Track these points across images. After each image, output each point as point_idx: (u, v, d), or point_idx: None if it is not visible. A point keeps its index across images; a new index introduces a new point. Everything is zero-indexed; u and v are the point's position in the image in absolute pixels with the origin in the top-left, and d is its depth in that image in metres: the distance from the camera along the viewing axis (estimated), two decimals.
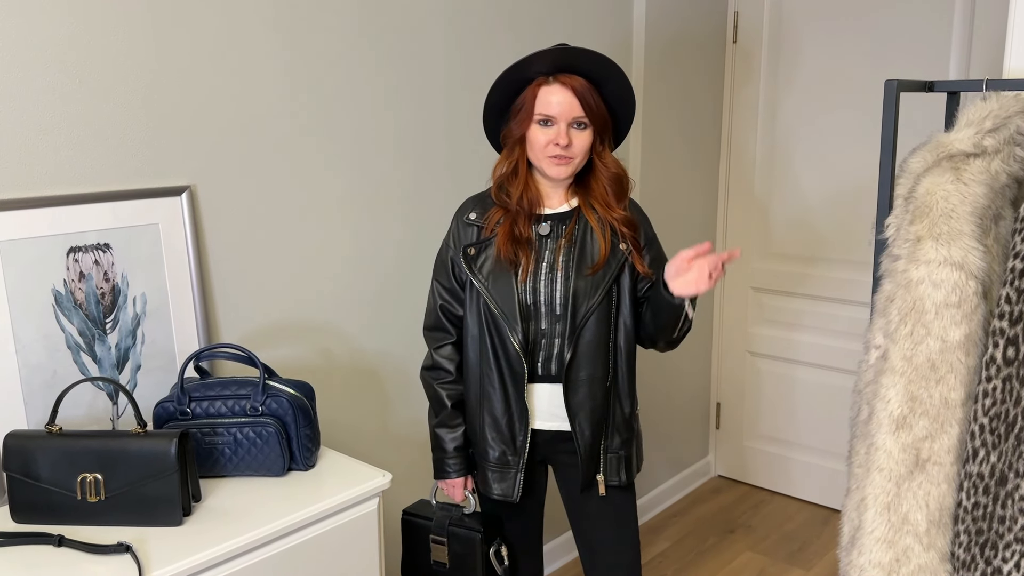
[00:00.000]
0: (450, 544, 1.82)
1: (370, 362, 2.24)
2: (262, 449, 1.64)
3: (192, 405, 1.65)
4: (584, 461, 1.75)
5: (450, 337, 1.80)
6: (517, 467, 1.76)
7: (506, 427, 1.75)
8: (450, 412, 1.80)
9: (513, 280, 1.69)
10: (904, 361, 1.37)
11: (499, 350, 1.72)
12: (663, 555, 3.05)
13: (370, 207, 2.16)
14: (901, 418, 1.36)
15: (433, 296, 1.81)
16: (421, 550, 1.87)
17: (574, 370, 1.71)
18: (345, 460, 1.75)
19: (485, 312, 1.72)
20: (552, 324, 1.71)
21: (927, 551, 1.35)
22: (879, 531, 1.37)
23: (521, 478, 1.76)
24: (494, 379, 1.73)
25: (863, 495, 1.40)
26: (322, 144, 2.04)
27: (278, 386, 1.68)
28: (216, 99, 1.82)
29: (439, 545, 1.84)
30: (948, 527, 1.36)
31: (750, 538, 3.15)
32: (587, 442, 1.74)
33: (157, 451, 1.47)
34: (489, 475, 1.78)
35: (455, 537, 1.82)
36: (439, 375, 1.81)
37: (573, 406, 1.72)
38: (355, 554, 1.63)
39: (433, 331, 1.82)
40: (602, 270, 1.70)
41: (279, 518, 1.51)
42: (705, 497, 3.48)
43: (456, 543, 1.82)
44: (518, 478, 1.76)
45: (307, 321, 2.07)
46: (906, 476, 1.36)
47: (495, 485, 1.78)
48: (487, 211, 1.75)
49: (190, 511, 1.52)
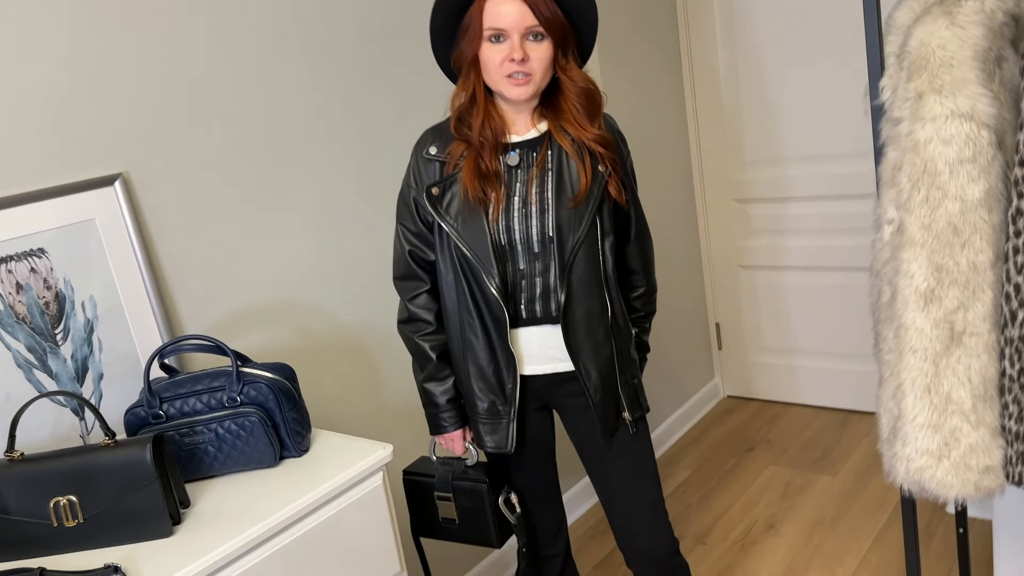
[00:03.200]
0: (456, 499, 1.71)
1: (354, 336, 2.10)
2: (248, 441, 1.52)
3: (164, 407, 1.52)
4: (599, 404, 1.63)
5: (424, 285, 1.67)
6: (509, 417, 1.64)
7: (493, 376, 1.62)
8: (436, 364, 1.68)
9: (484, 220, 1.55)
10: (923, 230, 1.25)
11: (477, 295, 1.59)
12: (685, 484, 2.97)
13: (326, 170, 2.01)
14: (929, 292, 1.25)
15: (400, 242, 1.67)
16: (428, 509, 1.77)
17: (571, 309, 1.59)
18: (341, 439, 1.63)
19: (458, 256, 1.58)
20: (531, 263, 1.58)
21: (976, 429, 1.25)
22: (922, 416, 1.27)
23: (514, 428, 1.64)
24: (475, 326, 1.60)
25: (898, 381, 1.29)
26: (264, 110, 1.88)
27: (254, 372, 1.55)
28: (141, 76, 1.66)
29: (445, 501, 1.73)
30: (995, 400, 1.26)
31: (770, 453, 3.07)
32: (596, 384, 1.62)
33: (131, 461, 1.33)
34: (480, 428, 1.67)
35: (461, 491, 1.71)
36: (418, 327, 1.68)
37: (574, 347, 1.60)
38: (367, 532, 1.51)
39: (404, 280, 1.69)
40: (585, 199, 1.57)
41: (277, 511, 1.39)
42: (718, 420, 3.40)
43: (463, 497, 1.71)
44: (510, 428, 1.64)
45: (279, 301, 1.93)
46: (943, 353, 1.25)
47: (487, 438, 1.67)
48: (448, 145, 1.60)
49: (180, 519, 1.39)
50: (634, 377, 1.71)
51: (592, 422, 1.67)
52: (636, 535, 1.73)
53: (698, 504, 2.83)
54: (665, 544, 1.73)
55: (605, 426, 1.65)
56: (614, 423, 1.68)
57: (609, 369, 1.64)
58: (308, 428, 1.60)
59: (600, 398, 1.63)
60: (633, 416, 1.69)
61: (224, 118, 1.81)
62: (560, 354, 1.64)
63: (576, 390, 1.67)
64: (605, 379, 1.63)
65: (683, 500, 2.87)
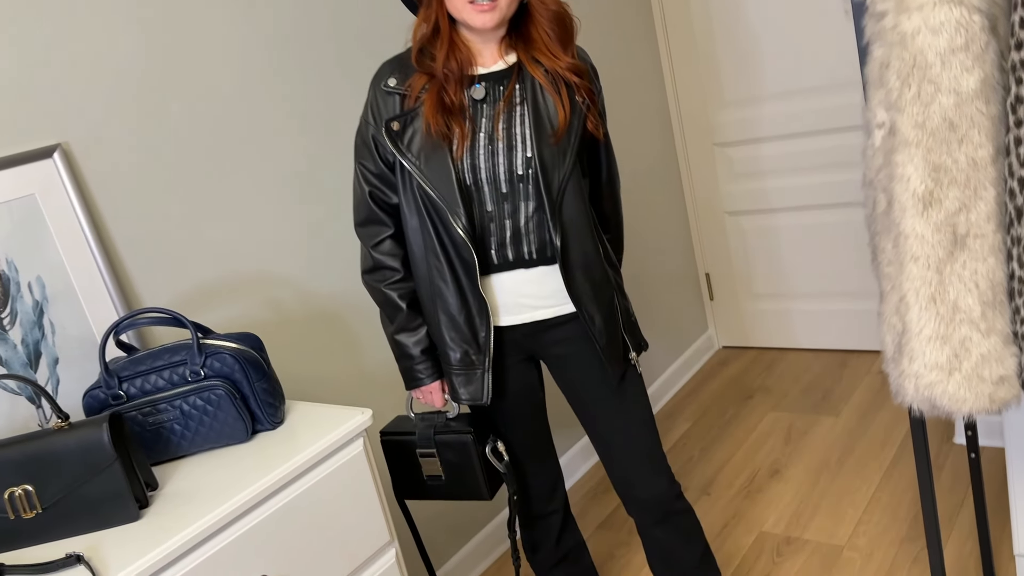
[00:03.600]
0: (441, 454, 1.63)
1: (326, 303, 2.01)
2: (216, 416, 1.42)
3: (124, 386, 1.42)
4: (605, 348, 1.55)
5: (387, 229, 1.57)
6: (483, 367, 1.55)
7: (465, 324, 1.53)
8: (407, 314, 1.58)
9: (448, 157, 1.45)
10: (917, 129, 1.16)
11: (444, 239, 1.49)
12: (685, 437, 2.90)
13: (286, 137, 1.91)
14: (927, 194, 1.17)
15: (359, 184, 1.56)
16: (411, 469, 1.68)
17: (567, 252, 1.50)
18: (317, 408, 1.54)
19: (422, 196, 1.49)
20: (498, 205, 1.49)
21: (987, 337, 1.17)
22: (928, 328, 1.18)
23: (488, 379, 1.55)
24: (444, 272, 1.51)
25: (901, 294, 1.21)
26: (220, 78, 1.77)
27: (217, 343, 1.45)
28: (83, 45, 1.55)
29: (429, 458, 1.64)
30: (1005, 305, 1.18)
31: (770, 399, 3.00)
32: (600, 328, 1.54)
33: (88, 443, 1.24)
34: (454, 379, 1.58)
35: (445, 445, 1.62)
36: (384, 275, 1.58)
37: (576, 292, 1.52)
38: (351, 503, 1.43)
39: (366, 226, 1.58)
40: (567, 133, 1.47)
41: (251, 484, 1.30)
42: (714, 371, 3.33)
43: (447, 451, 1.62)
44: (485, 380, 1.55)
45: (243, 273, 1.83)
46: (946, 259, 1.17)
47: (462, 390, 1.58)
48: (408, 77, 1.49)
49: (147, 502, 1.30)
50: (630, 315, 1.63)
51: (589, 368, 1.59)
52: (635, 484, 1.65)
53: (700, 456, 2.76)
54: (665, 491, 1.65)
55: (615, 368, 1.58)
56: (622, 365, 1.60)
57: (611, 311, 1.56)
58: (281, 399, 1.51)
59: (606, 341, 1.55)
60: (638, 354, 1.62)
61: (177, 86, 1.70)
62: (539, 302, 1.55)
63: (562, 337, 1.59)
64: (608, 321, 1.55)
65: (684, 453, 2.80)
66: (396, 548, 1.51)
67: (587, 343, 1.59)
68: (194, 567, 1.21)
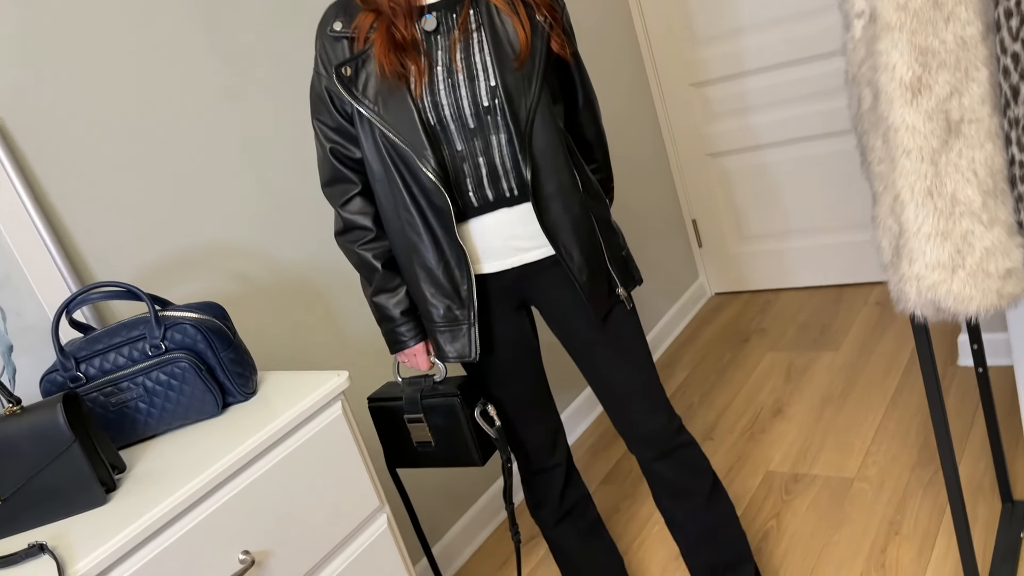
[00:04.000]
0: (429, 418, 1.55)
1: (298, 274, 1.92)
2: (182, 391, 1.34)
3: (82, 367, 1.34)
4: (586, 285, 1.47)
5: (354, 187, 1.48)
6: (469, 321, 1.47)
7: (444, 277, 1.45)
8: (384, 274, 1.50)
9: (408, 97, 1.36)
10: (899, 11, 1.08)
11: (413, 188, 1.40)
12: (684, 385, 2.83)
13: (244, 104, 1.81)
14: (915, 81, 1.08)
15: (320, 141, 1.47)
16: (400, 436, 1.60)
17: (540, 186, 1.41)
18: (292, 375, 1.46)
19: (384, 145, 1.40)
20: (468, 142, 1.40)
21: (990, 229, 1.09)
22: (927, 225, 1.11)
23: (475, 333, 1.47)
24: (417, 224, 1.42)
25: (895, 192, 1.13)
26: (170, 42, 1.67)
27: (176, 314, 1.37)
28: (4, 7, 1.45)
29: (417, 424, 1.56)
30: (1006, 193, 1.10)
31: (767, 340, 2.93)
32: (579, 264, 1.46)
33: (43, 427, 1.16)
34: (439, 337, 1.50)
35: (432, 410, 1.54)
36: (356, 236, 1.50)
37: (551, 227, 1.43)
38: (335, 469, 1.35)
39: (332, 185, 1.49)
40: (530, 57, 1.38)
41: (223, 456, 1.22)
42: (708, 318, 3.26)
43: (435, 415, 1.54)
44: (472, 334, 1.47)
45: (205, 246, 1.75)
46: (940, 149, 1.09)
47: (448, 347, 1.49)
48: (354, 18, 1.40)
49: (114, 485, 1.22)
50: (621, 248, 1.55)
51: (579, 309, 1.52)
52: (635, 422, 1.58)
53: (700, 402, 2.70)
54: (665, 426, 1.58)
55: (598, 308, 1.49)
56: (607, 302, 1.52)
57: (592, 245, 1.48)
58: (252, 369, 1.43)
59: (587, 278, 1.47)
60: (628, 289, 1.53)
61: (118, 54, 1.60)
62: (528, 243, 1.47)
63: (555, 278, 1.51)
64: (590, 257, 1.47)
65: (684, 400, 2.73)
66: (387, 513, 1.44)
67: (572, 283, 1.51)
68: (167, 547, 1.14)
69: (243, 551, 1.22)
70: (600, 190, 1.55)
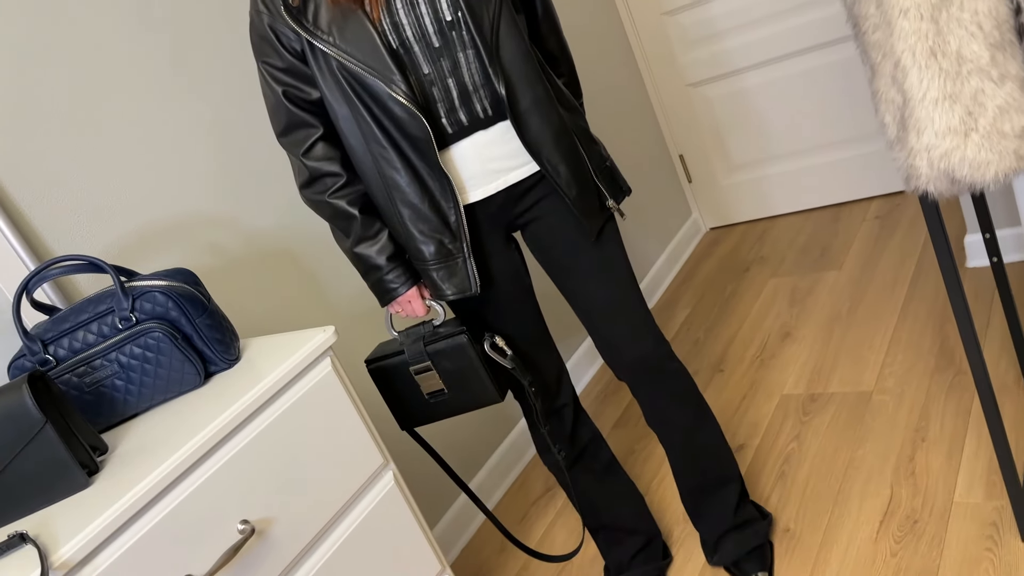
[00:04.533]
0: (437, 365, 1.46)
1: (275, 241, 1.84)
2: (160, 363, 1.26)
3: (51, 349, 1.26)
4: (576, 200, 1.40)
5: (315, 130, 1.38)
6: (463, 253, 1.39)
7: (431, 211, 1.37)
8: (362, 221, 1.41)
9: (366, 21, 1.27)
10: None
11: (382, 119, 1.31)
12: (688, 321, 2.76)
13: (205, 69, 1.71)
14: None
15: (269, 86, 1.36)
16: (409, 393, 1.51)
17: (516, 100, 1.33)
18: (275, 338, 1.37)
19: (345, 77, 1.30)
20: (435, 63, 1.31)
21: (1001, 85, 1.01)
22: (933, 89, 1.02)
23: (472, 265, 1.39)
24: (392, 159, 1.34)
25: (895, 59, 1.04)
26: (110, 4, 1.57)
27: (144, 283, 1.28)
28: None
29: (426, 374, 1.47)
30: (1015, 45, 1.02)
31: (768, 268, 2.86)
32: (567, 178, 1.39)
33: (9, 411, 1.08)
34: (435, 276, 1.41)
35: (439, 354, 1.45)
36: (325, 184, 1.40)
37: (533, 142, 1.35)
38: (331, 429, 1.28)
39: (290, 133, 1.39)
40: None
41: (208, 424, 1.14)
42: (706, 253, 3.18)
43: (444, 360, 1.46)
44: (469, 266, 1.39)
45: (170, 218, 1.66)
46: (940, 4, 1.01)
47: (445, 285, 1.41)
48: None
49: (96, 467, 1.15)
50: (604, 159, 1.48)
51: (564, 227, 1.45)
52: (620, 347, 1.52)
53: (706, 336, 2.63)
54: (652, 350, 1.52)
55: (591, 222, 1.43)
56: (600, 217, 1.45)
57: (576, 158, 1.40)
58: (231, 334, 1.34)
59: (576, 193, 1.40)
60: (617, 201, 1.47)
61: (74, 18, 1.50)
62: (508, 162, 1.39)
63: (539, 197, 1.44)
64: (576, 170, 1.40)
65: (689, 337, 2.66)
66: (393, 470, 1.37)
67: (559, 200, 1.43)
68: (157, 523, 1.06)
69: (241, 521, 1.15)
70: (574, 102, 1.47)
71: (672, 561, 1.84)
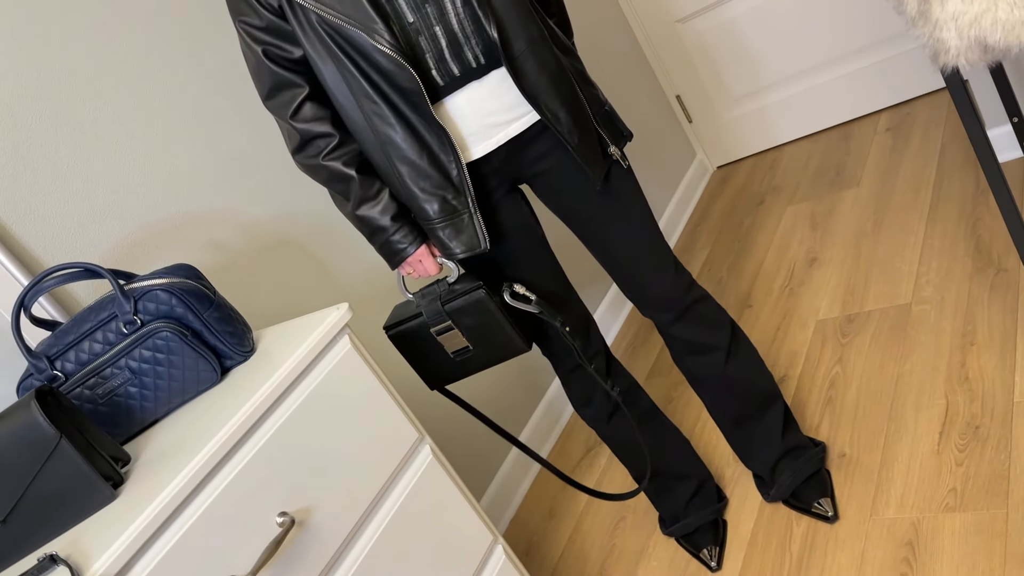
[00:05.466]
0: (458, 322, 1.39)
1: (276, 231, 1.78)
2: (172, 363, 1.20)
3: (58, 365, 1.20)
4: (579, 147, 1.34)
5: (302, 90, 1.31)
6: (468, 209, 1.32)
7: (431, 166, 1.29)
8: (361, 180, 1.34)
9: None
10: None
11: (370, 72, 1.24)
12: (709, 261, 2.68)
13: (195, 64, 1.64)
14: None
15: (249, 47, 1.29)
16: (434, 354, 1.45)
17: (509, 45, 1.26)
18: (289, 324, 1.31)
19: (327, 31, 1.22)
20: (419, 10, 1.23)
21: None
22: None
23: (479, 220, 1.32)
24: (385, 114, 1.26)
25: None
26: None
27: (143, 284, 1.22)
28: None
29: (448, 333, 1.41)
30: None
31: (783, 197, 2.78)
32: (568, 125, 1.32)
33: (22, 430, 1.03)
34: (441, 234, 1.34)
35: (459, 312, 1.38)
36: (318, 146, 1.32)
37: (531, 90, 1.28)
38: (359, 408, 1.22)
39: (275, 95, 1.31)
40: None
41: (231, 417, 1.09)
42: (717, 192, 3.10)
43: (464, 316, 1.39)
44: (476, 221, 1.32)
45: (166, 219, 1.60)
46: None
47: (453, 243, 1.34)
48: None
49: (121, 479, 1.09)
50: (603, 104, 1.41)
51: (572, 175, 1.39)
52: (643, 285, 1.48)
53: (728, 275, 2.55)
54: (674, 281, 1.47)
55: (595, 169, 1.37)
56: (604, 164, 1.39)
57: (576, 103, 1.34)
58: (243, 325, 1.28)
59: (578, 140, 1.33)
60: (620, 147, 1.41)
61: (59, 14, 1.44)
62: (506, 115, 1.33)
63: (544, 147, 1.38)
64: (577, 116, 1.33)
65: (713, 277, 2.59)
66: (430, 444, 1.31)
67: (564, 151, 1.37)
68: (192, 525, 1.01)
69: (280, 513, 1.09)
70: (568, 42, 1.39)
71: (728, 503, 1.78)
